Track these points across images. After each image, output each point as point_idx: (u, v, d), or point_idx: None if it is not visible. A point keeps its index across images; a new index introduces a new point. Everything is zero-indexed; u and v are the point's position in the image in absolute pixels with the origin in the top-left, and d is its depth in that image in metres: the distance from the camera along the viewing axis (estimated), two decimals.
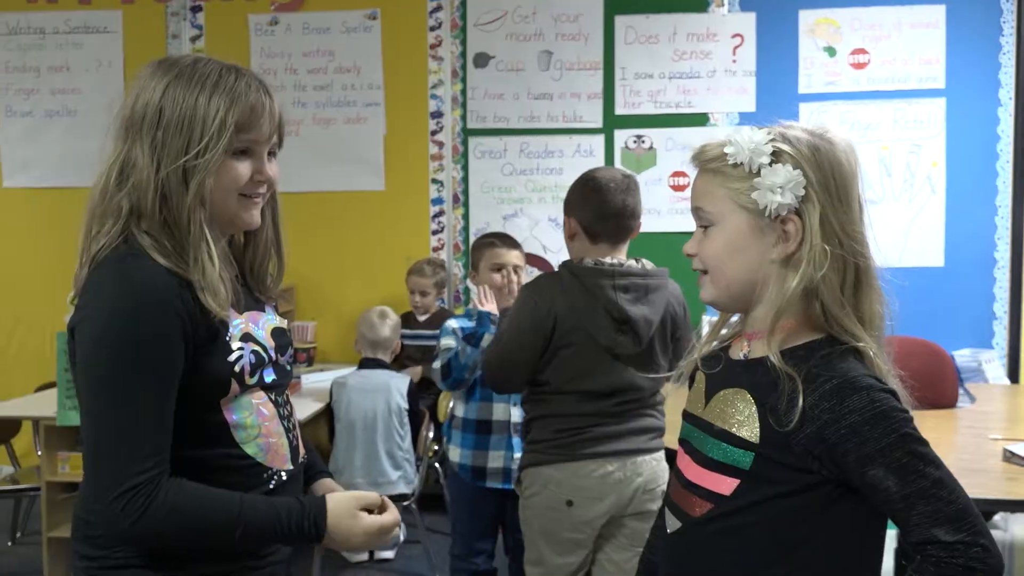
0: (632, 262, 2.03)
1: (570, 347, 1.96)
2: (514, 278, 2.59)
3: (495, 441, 2.56)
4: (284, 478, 1.20)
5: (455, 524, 2.69)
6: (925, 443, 0.99)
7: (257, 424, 1.17)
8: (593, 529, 2.01)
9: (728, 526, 1.07)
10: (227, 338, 1.14)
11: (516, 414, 2.56)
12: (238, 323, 1.17)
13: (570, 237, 2.07)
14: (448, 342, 2.56)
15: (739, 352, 1.12)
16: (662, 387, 2.10)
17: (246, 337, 1.17)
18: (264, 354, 1.19)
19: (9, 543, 3.62)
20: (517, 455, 2.54)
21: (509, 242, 2.68)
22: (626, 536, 2.06)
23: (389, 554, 3.49)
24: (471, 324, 2.58)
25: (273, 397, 1.22)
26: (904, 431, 0.97)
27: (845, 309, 1.03)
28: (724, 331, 1.19)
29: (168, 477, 1.06)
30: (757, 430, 1.04)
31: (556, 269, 2.07)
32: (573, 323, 1.95)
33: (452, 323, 2.60)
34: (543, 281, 2.05)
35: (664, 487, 2.08)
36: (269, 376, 1.20)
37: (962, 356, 3.75)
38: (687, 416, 1.17)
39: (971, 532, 0.95)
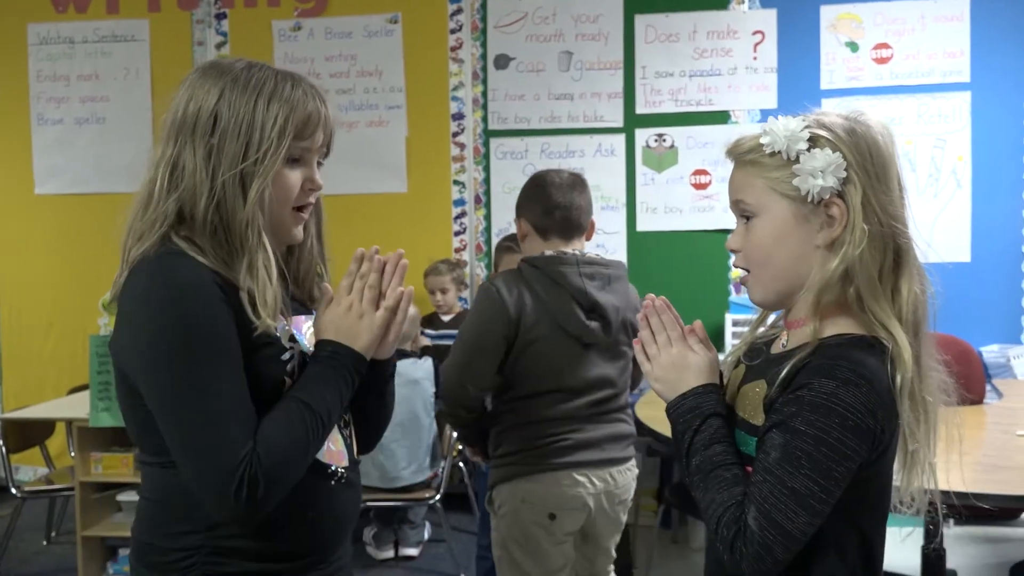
0: (592, 254, 2.03)
1: (538, 341, 1.92)
2: None
3: None
4: (345, 475, 1.18)
5: (484, 516, 2.71)
6: (838, 460, 0.96)
7: None
8: (570, 537, 1.98)
9: None
10: (278, 338, 1.13)
11: None
12: (283, 326, 1.15)
13: (522, 238, 2.07)
14: None
15: (779, 345, 1.12)
16: (627, 389, 2.08)
17: (291, 339, 1.16)
18: (307, 358, 1.17)
19: (44, 543, 3.70)
20: None
21: None
22: (598, 553, 2.06)
23: (414, 552, 3.52)
24: None
25: None
26: (824, 437, 0.96)
27: (878, 293, 1.02)
28: (761, 330, 1.19)
29: (255, 442, 1.03)
30: (762, 414, 1.05)
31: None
32: (540, 314, 1.91)
33: None
34: (502, 277, 2.00)
35: (632, 496, 2.07)
36: None
37: (990, 352, 3.70)
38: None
39: (768, 540, 0.96)
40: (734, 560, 0.99)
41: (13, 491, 3.30)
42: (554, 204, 1.99)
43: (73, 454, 3.23)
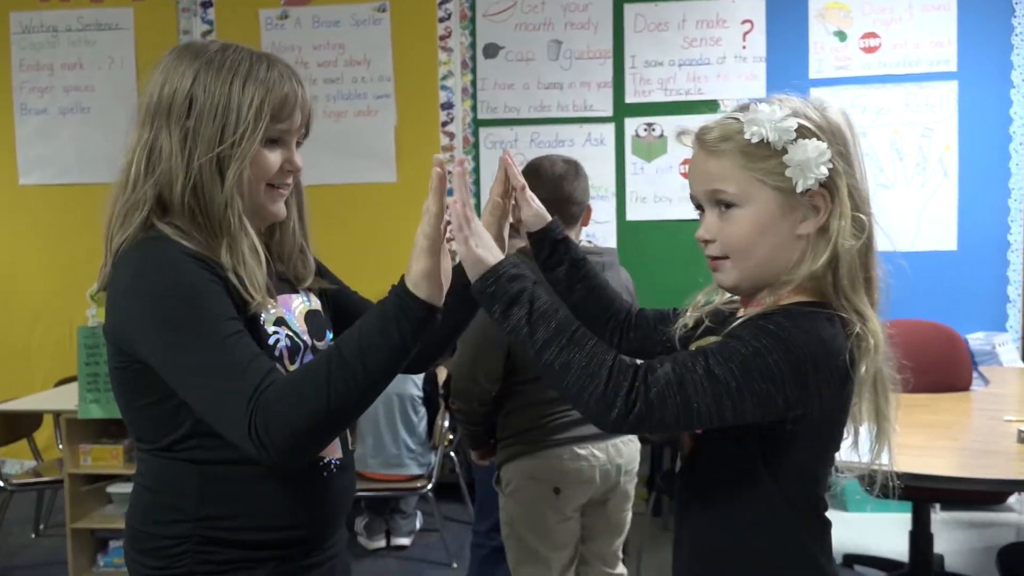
0: (584, 243, 2.05)
1: None
2: None
3: None
4: (337, 467, 1.18)
5: (481, 504, 2.72)
6: (765, 377, 0.94)
7: None
8: (576, 513, 2.01)
9: (701, 465, 1.11)
10: (262, 322, 1.11)
11: None
12: (271, 309, 1.14)
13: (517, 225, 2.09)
14: None
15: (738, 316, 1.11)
16: None
17: (279, 322, 1.15)
18: (298, 340, 1.16)
19: (33, 535, 3.68)
20: None
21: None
22: (608, 529, 2.07)
23: (405, 541, 3.52)
24: None
25: None
26: (764, 355, 0.94)
27: (857, 282, 1.01)
28: (707, 304, 1.19)
29: (269, 386, 1.00)
30: None
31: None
32: None
33: None
34: None
35: (637, 468, 2.10)
36: None
37: (976, 339, 3.74)
38: None
39: (668, 395, 0.93)
40: (624, 406, 0.92)
41: (1, 484, 3.28)
42: (549, 194, 1.98)
43: (61, 446, 3.21)
